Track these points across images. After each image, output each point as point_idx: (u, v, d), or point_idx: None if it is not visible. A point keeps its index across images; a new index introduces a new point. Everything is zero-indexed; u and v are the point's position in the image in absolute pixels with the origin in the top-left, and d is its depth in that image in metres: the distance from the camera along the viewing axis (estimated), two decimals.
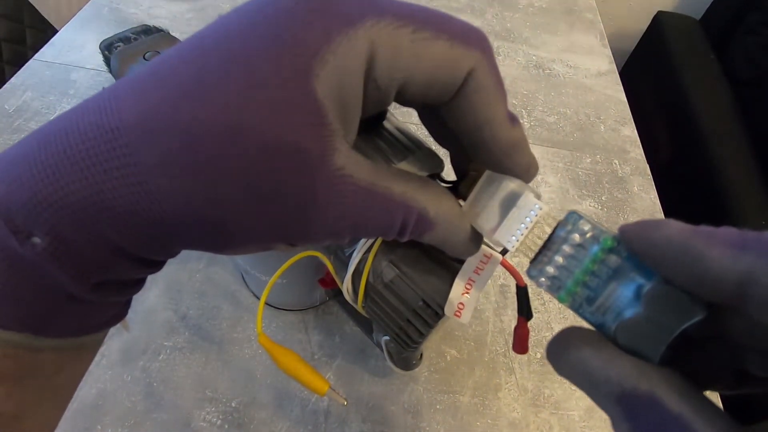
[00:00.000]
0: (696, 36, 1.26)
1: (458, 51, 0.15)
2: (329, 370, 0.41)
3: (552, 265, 0.16)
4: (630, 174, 0.60)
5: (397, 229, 0.16)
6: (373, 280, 0.31)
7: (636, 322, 0.14)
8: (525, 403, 0.41)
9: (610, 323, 0.15)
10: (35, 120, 0.55)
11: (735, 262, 0.12)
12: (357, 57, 0.14)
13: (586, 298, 0.15)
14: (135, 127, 0.13)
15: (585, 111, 0.67)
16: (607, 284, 0.15)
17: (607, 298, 0.15)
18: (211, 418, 0.38)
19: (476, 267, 0.25)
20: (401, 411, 0.39)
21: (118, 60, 0.46)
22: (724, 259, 0.13)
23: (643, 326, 0.14)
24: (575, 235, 0.16)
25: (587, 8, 0.85)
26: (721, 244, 0.13)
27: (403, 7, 0.15)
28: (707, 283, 0.13)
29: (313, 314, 0.44)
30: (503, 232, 0.17)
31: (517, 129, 0.17)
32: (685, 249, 0.13)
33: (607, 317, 0.15)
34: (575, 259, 0.16)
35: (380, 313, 0.32)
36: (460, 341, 0.43)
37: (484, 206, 0.18)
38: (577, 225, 0.16)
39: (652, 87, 1.25)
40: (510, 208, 0.17)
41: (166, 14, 0.71)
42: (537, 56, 0.74)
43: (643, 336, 0.14)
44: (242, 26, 0.14)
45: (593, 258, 0.16)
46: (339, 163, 0.14)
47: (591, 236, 0.16)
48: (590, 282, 0.15)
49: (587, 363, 0.15)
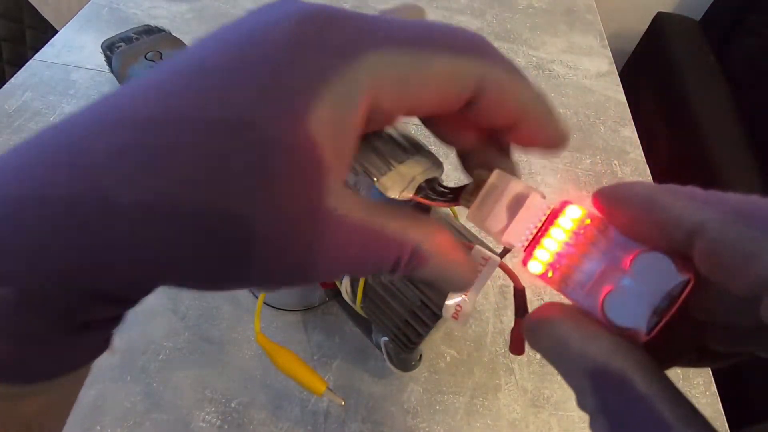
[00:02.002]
0: (696, 37, 1.26)
1: (463, 64, 0.15)
2: (329, 371, 0.41)
3: (546, 250, 0.17)
4: (630, 174, 0.60)
5: (390, 265, 0.16)
6: (371, 280, 0.31)
7: (622, 292, 0.15)
8: (525, 404, 0.41)
9: (597, 301, 0.15)
10: (35, 120, 0.55)
11: (692, 213, 0.13)
12: (356, 93, 0.13)
13: (578, 281, 0.16)
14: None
15: (585, 112, 0.67)
16: (598, 263, 0.16)
17: (597, 277, 0.16)
18: (211, 418, 0.38)
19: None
20: (401, 411, 0.39)
21: (120, 60, 0.47)
22: (683, 210, 0.13)
23: (629, 296, 0.14)
24: (568, 219, 0.17)
25: (587, 9, 0.85)
26: (683, 197, 0.14)
27: (400, 30, 0.14)
28: (665, 229, 0.14)
29: (312, 314, 0.44)
30: (512, 233, 0.18)
31: (545, 100, 0.17)
32: (650, 200, 0.14)
33: (596, 296, 0.15)
34: (567, 243, 0.16)
35: (379, 314, 0.32)
36: (460, 342, 0.43)
37: (491, 209, 0.19)
38: (569, 211, 0.17)
39: (652, 88, 1.25)
40: (518, 210, 0.18)
41: (166, 14, 0.71)
42: (537, 57, 0.74)
43: (629, 306, 0.14)
44: (230, 59, 0.13)
45: (584, 240, 0.16)
46: (332, 204, 0.14)
47: (581, 220, 0.16)
48: (581, 264, 0.16)
49: (566, 337, 0.15)
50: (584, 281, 0.16)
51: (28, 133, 0.56)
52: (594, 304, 0.15)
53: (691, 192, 0.14)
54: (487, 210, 0.19)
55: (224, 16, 0.72)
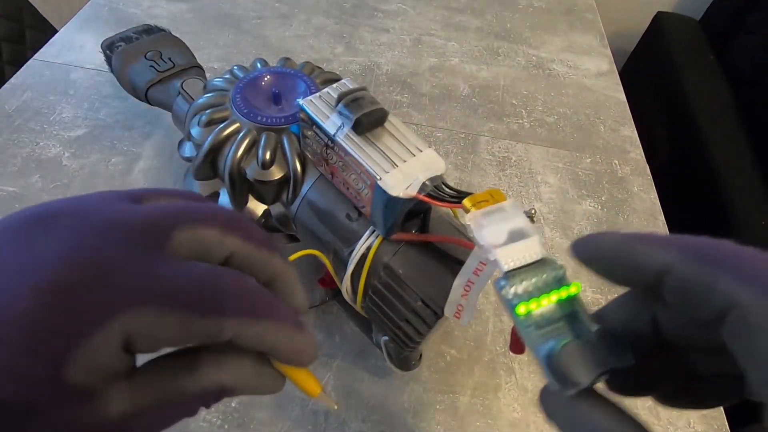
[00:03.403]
0: (696, 36, 1.26)
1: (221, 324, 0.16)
2: (329, 370, 0.41)
3: (523, 286, 0.19)
4: (630, 174, 0.60)
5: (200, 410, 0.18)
6: (371, 279, 0.31)
7: (577, 350, 0.17)
8: (525, 403, 0.41)
9: (548, 347, 0.17)
10: (35, 120, 0.55)
11: (659, 255, 0.16)
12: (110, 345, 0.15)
13: (535, 323, 0.18)
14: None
15: (585, 111, 0.67)
16: (561, 319, 0.18)
17: (556, 329, 0.18)
18: (211, 418, 0.38)
19: (475, 268, 0.25)
20: (401, 411, 0.39)
21: (120, 59, 0.46)
22: (650, 255, 0.16)
23: (582, 355, 0.17)
24: (552, 273, 0.19)
25: (587, 8, 0.85)
26: (649, 242, 0.16)
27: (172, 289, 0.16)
28: (636, 271, 0.16)
29: (312, 314, 0.44)
30: (505, 253, 0.20)
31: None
32: (620, 249, 0.17)
33: (547, 342, 0.17)
34: (542, 291, 0.19)
35: (379, 313, 0.32)
36: (460, 341, 0.43)
37: (494, 223, 0.21)
38: (554, 266, 0.19)
39: (652, 87, 1.25)
40: (518, 239, 0.20)
41: (166, 14, 0.71)
42: (537, 56, 0.74)
43: (579, 363, 0.16)
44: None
45: (558, 297, 0.18)
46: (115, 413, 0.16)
47: (560, 279, 0.19)
48: (547, 313, 0.18)
49: (577, 412, 0.16)
50: (543, 326, 0.18)
51: (28, 133, 0.55)
52: (540, 347, 0.17)
53: (655, 238, 0.16)
54: (489, 222, 0.21)
55: (224, 16, 0.72)
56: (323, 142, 0.31)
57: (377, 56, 0.69)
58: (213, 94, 0.37)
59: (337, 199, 0.33)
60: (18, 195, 0.49)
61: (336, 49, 0.70)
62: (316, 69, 0.40)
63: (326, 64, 0.67)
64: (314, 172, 0.34)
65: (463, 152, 0.58)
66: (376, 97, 0.31)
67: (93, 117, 0.57)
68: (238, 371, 0.18)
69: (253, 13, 0.73)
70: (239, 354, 0.19)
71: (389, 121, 0.30)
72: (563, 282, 0.19)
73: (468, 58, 0.72)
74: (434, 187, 0.28)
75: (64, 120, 0.56)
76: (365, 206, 0.30)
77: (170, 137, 0.55)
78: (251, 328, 0.17)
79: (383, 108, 0.30)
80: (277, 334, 0.18)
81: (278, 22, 0.72)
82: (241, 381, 0.18)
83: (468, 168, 0.57)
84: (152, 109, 0.47)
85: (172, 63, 0.46)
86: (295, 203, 0.35)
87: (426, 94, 0.65)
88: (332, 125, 0.30)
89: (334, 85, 0.32)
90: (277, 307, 0.18)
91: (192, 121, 0.36)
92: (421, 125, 0.61)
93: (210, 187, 0.38)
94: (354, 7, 0.77)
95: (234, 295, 0.17)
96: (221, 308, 0.17)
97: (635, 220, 0.55)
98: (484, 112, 0.64)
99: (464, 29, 0.76)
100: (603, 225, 0.54)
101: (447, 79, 0.68)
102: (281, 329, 0.18)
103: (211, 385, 0.18)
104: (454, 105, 0.64)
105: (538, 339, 0.17)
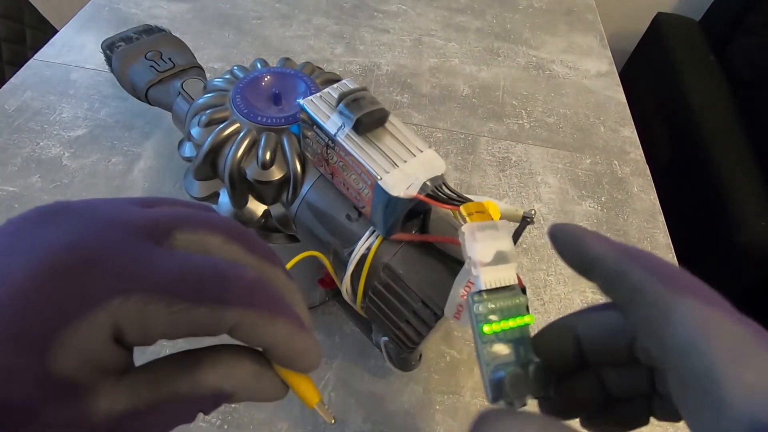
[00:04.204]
0: (696, 37, 1.26)
1: (218, 314, 0.16)
2: (329, 370, 0.41)
3: (492, 306, 0.22)
4: (630, 175, 0.60)
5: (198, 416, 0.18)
6: (371, 280, 0.31)
7: (518, 378, 0.20)
8: None
9: (499, 375, 0.20)
10: (35, 120, 0.55)
11: (598, 248, 0.19)
12: (99, 334, 0.15)
13: (491, 341, 0.21)
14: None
15: (585, 112, 0.67)
16: (511, 342, 0.21)
17: (505, 355, 0.21)
18: (211, 418, 0.38)
19: None
20: (401, 411, 0.39)
21: (120, 59, 0.46)
22: (593, 245, 0.19)
23: (519, 383, 0.20)
24: (517, 300, 0.22)
25: (587, 9, 0.85)
26: (598, 238, 0.20)
27: (165, 277, 0.16)
28: (578, 256, 0.20)
29: (312, 314, 0.44)
30: (487, 273, 0.22)
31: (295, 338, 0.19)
32: (577, 235, 0.20)
33: (498, 372, 0.20)
34: (505, 315, 0.22)
35: (379, 314, 0.32)
36: (460, 342, 0.43)
37: (485, 239, 0.23)
38: (520, 295, 0.22)
39: (652, 88, 1.25)
40: (501, 262, 0.23)
41: (167, 14, 0.71)
42: (537, 57, 0.74)
43: (521, 388, 0.20)
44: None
45: (516, 324, 0.22)
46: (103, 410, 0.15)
47: (522, 307, 0.22)
48: (503, 336, 0.21)
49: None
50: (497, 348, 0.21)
51: (28, 133, 0.55)
52: (492, 372, 0.21)
53: (604, 238, 0.20)
54: (481, 237, 0.23)
55: (224, 16, 0.72)
56: (324, 142, 0.31)
57: (377, 57, 0.70)
58: (213, 94, 0.37)
59: (337, 199, 0.33)
60: (18, 195, 0.49)
61: (336, 50, 0.70)
62: (317, 69, 0.40)
63: (326, 65, 0.67)
64: (314, 173, 0.34)
65: (463, 153, 0.58)
66: (376, 97, 0.31)
67: (93, 117, 0.57)
68: (237, 372, 0.18)
69: (253, 14, 0.73)
70: (240, 356, 0.18)
71: (390, 121, 0.30)
72: (523, 311, 0.22)
73: (468, 58, 0.72)
74: (435, 187, 0.28)
75: (64, 120, 0.56)
76: (365, 206, 0.30)
77: (170, 137, 0.55)
78: (249, 319, 0.17)
79: (384, 108, 0.30)
80: (275, 327, 0.17)
81: (278, 23, 0.72)
82: (241, 384, 0.18)
83: (468, 168, 0.57)
84: (152, 109, 0.47)
85: (172, 63, 0.46)
86: (295, 203, 0.35)
87: (426, 94, 0.65)
88: (333, 125, 0.30)
89: (335, 86, 0.32)
90: (278, 301, 0.18)
91: (192, 121, 0.36)
92: (421, 125, 0.61)
93: (210, 187, 0.37)
94: (354, 8, 0.77)
95: (232, 284, 0.17)
96: (217, 297, 0.16)
97: (635, 221, 0.55)
98: (484, 113, 0.64)
99: (464, 30, 0.76)
100: (603, 225, 0.54)
101: (447, 79, 0.68)
102: (281, 323, 0.17)
103: (209, 387, 0.17)
104: (454, 105, 0.64)
105: (491, 359, 0.21)
